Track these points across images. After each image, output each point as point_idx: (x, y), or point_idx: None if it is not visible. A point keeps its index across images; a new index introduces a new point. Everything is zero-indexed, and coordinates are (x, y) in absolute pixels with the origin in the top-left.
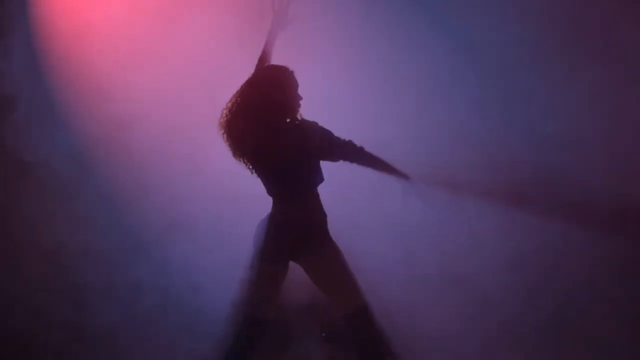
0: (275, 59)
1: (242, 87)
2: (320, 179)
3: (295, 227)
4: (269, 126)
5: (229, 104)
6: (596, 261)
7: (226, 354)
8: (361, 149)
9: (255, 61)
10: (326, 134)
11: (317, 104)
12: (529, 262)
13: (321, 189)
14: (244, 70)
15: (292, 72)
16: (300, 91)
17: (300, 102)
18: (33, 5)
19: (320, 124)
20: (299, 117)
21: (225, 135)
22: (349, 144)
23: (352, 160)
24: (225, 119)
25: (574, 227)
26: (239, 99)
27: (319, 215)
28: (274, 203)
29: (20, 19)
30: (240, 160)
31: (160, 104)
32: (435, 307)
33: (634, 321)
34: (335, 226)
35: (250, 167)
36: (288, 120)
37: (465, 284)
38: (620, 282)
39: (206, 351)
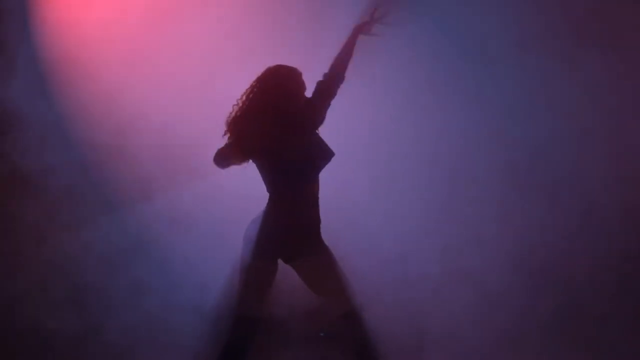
0: (280, 61)
1: (251, 85)
2: (329, 154)
3: (295, 227)
4: (274, 125)
5: (239, 102)
6: (596, 261)
7: (220, 353)
8: (325, 74)
9: (254, 61)
10: (307, 100)
11: None
12: (529, 261)
13: (321, 189)
14: (243, 70)
15: (300, 74)
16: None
17: None
18: (32, 14)
19: (324, 126)
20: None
21: (232, 132)
22: (319, 83)
23: (337, 84)
24: (233, 116)
25: (574, 227)
26: (246, 98)
27: (317, 217)
28: (272, 200)
29: (20, 31)
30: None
31: (159, 105)
32: (435, 307)
33: (634, 321)
34: (335, 226)
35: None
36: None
37: (465, 284)
38: (620, 282)
39: (206, 351)
